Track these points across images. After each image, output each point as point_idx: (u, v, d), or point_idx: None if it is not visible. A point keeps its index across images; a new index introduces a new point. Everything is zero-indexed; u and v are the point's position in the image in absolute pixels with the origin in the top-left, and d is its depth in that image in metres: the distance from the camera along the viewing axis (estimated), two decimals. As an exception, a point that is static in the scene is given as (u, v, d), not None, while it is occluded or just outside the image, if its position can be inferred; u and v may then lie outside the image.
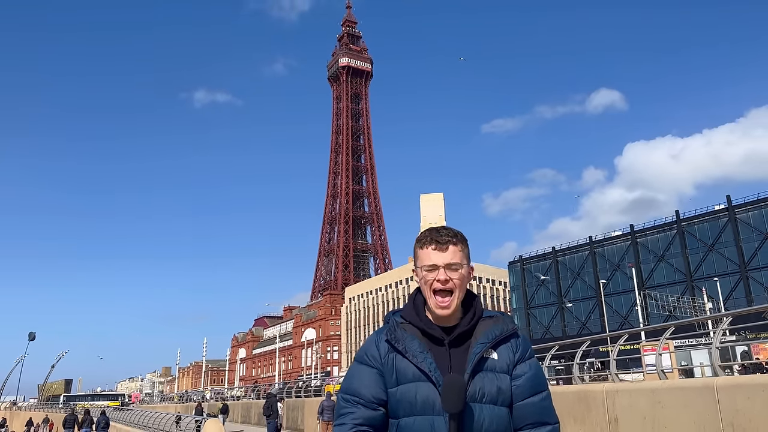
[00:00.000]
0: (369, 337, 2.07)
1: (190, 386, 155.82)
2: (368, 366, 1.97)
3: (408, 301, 2.09)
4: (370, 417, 1.91)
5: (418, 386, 1.89)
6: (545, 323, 74.75)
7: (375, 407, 1.92)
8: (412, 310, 2.04)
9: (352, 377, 1.99)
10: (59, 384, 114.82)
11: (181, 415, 26.25)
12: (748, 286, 57.15)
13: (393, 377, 1.93)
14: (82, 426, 31.23)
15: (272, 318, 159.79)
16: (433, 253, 1.98)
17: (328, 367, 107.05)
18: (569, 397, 10.90)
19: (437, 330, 1.98)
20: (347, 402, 1.94)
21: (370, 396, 1.92)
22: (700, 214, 63.45)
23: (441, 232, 2.01)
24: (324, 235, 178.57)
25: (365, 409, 1.91)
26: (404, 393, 1.90)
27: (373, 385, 1.94)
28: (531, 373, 1.99)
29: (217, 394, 57.52)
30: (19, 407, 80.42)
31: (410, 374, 1.91)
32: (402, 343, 1.95)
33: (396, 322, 2.02)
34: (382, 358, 1.96)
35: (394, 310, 2.11)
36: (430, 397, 1.87)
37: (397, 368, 1.93)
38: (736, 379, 8.74)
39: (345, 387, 1.99)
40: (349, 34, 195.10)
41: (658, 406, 8.84)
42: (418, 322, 1.99)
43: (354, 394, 1.94)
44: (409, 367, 1.91)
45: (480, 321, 2.01)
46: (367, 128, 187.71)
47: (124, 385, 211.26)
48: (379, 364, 1.96)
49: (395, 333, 1.98)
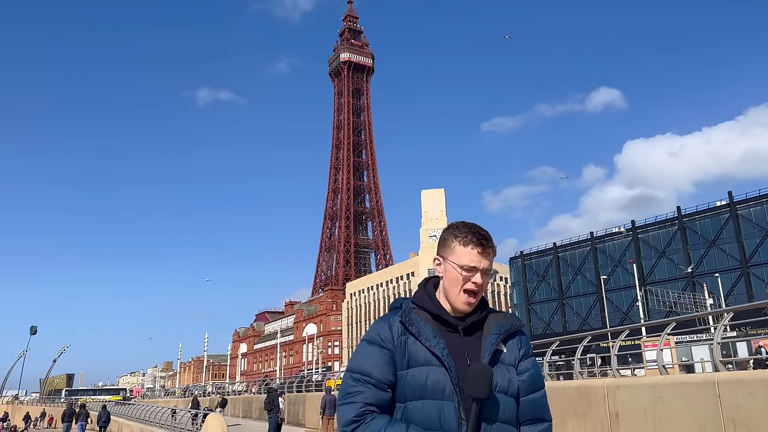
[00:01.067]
0: (379, 319, 2.04)
1: (191, 381, 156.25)
2: (380, 347, 1.95)
3: (419, 288, 2.11)
4: (379, 398, 1.89)
5: (430, 370, 1.89)
6: (546, 319, 74.82)
7: (385, 388, 1.90)
8: (426, 296, 2.05)
9: (361, 357, 1.95)
10: (61, 378, 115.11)
11: (176, 409, 26.46)
12: (749, 282, 57.15)
13: (404, 360, 1.92)
14: (78, 420, 31.45)
15: (273, 313, 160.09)
16: (477, 255, 1.99)
17: (329, 363, 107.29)
18: (570, 393, 10.90)
19: (451, 316, 1.99)
20: (357, 381, 1.90)
21: (380, 377, 1.90)
22: (701, 210, 63.40)
23: (485, 236, 2.03)
24: (325, 231, 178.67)
25: (375, 389, 1.89)
26: (414, 376, 1.89)
27: (383, 366, 1.92)
28: (533, 370, 2.04)
29: (219, 389, 57.75)
30: (21, 401, 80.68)
31: (422, 358, 1.90)
32: (416, 326, 1.94)
33: (409, 306, 2.03)
34: (395, 340, 1.95)
35: (403, 297, 2.10)
36: (441, 381, 1.87)
37: (408, 351, 1.92)
38: (737, 375, 8.74)
39: (354, 366, 1.95)
40: (350, 29, 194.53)
41: (659, 402, 8.85)
42: (432, 308, 2.00)
43: (364, 373, 1.91)
44: (421, 350, 1.91)
45: (490, 314, 2.05)
46: (368, 124, 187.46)
47: (126, 380, 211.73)
48: (392, 346, 1.94)
49: (409, 316, 1.98)
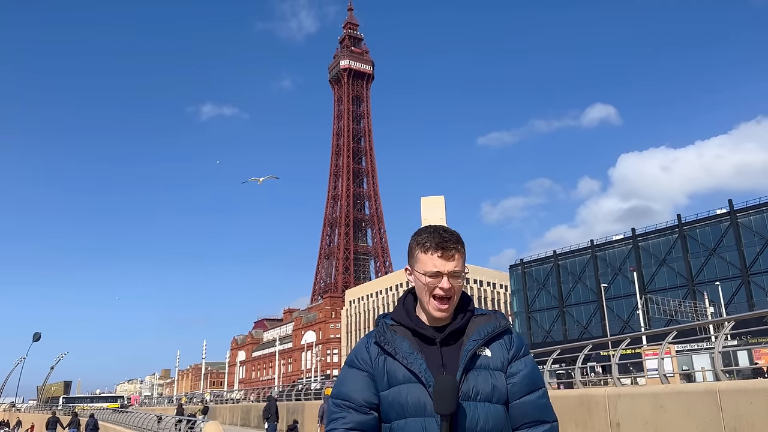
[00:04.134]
0: (359, 340, 2.03)
1: (189, 389, 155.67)
2: (359, 369, 1.94)
3: (398, 303, 2.05)
4: (361, 421, 1.87)
5: (409, 388, 1.85)
6: (546, 327, 74.62)
7: (366, 411, 1.88)
8: (403, 311, 2.00)
9: (342, 381, 1.95)
10: (58, 386, 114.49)
11: (162, 416, 26.91)
12: (750, 290, 57.06)
13: (384, 380, 1.89)
14: (70, 426, 31.86)
15: (272, 320, 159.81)
16: (438, 260, 1.91)
17: (328, 370, 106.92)
18: (571, 402, 10.83)
19: (429, 329, 1.94)
20: (338, 407, 1.90)
21: (361, 400, 1.88)
22: (701, 218, 63.40)
23: (446, 238, 1.93)
24: (324, 238, 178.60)
25: (356, 413, 1.87)
26: (395, 395, 1.86)
27: (364, 388, 1.90)
28: (526, 370, 1.94)
29: (216, 397, 57.81)
30: (18, 408, 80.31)
31: (401, 376, 1.87)
32: (391, 345, 1.91)
33: (386, 324, 1.99)
34: (372, 361, 1.93)
35: (384, 314, 2.07)
36: (421, 399, 1.83)
37: (387, 371, 1.89)
38: (738, 384, 8.67)
39: (336, 392, 1.95)
40: (350, 37, 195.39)
41: (661, 411, 8.78)
42: (409, 323, 1.95)
43: (345, 398, 1.90)
44: (399, 369, 1.88)
45: (472, 319, 1.97)
46: (368, 131, 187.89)
47: (123, 387, 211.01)
48: (370, 367, 1.92)
49: (385, 335, 1.94)
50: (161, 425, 24.48)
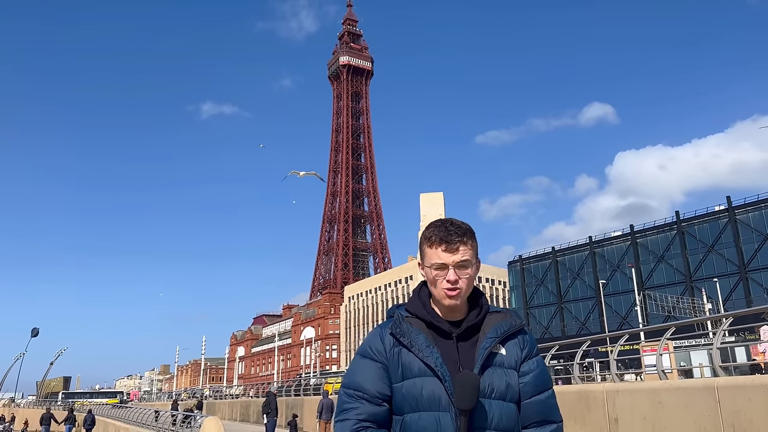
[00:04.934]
0: (372, 330, 2.00)
1: (189, 384, 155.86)
2: (372, 360, 1.91)
3: (413, 294, 2.02)
4: (373, 413, 1.85)
5: (424, 381, 1.83)
6: (544, 323, 74.74)
7: (379, 402, 1.86)
8: (419, 302, 1.97)
9: (355, 371, 1.92)
10: (58, 381, 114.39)
11: (160, 411, 27.02)
12: (748, 286, 57.17)
13: (398, 372, 1.87)
14: (66, 422, 32.23)
15: (271, 316, 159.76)
16: (443, 253, 1.90)
17: (327, 366, 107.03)
18: (569, 397, 10.87)
19: (445, 323, 1.91)
20: (350, 397, 1.87)
21: (374, 391, 1.86)
22: (700, 215, 63.45)
23: (450, 231, 1.91)
24: (323, 234, 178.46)
25: (369, 404, 1.85)
26: (409, 388, 1.84)
27: (377, 379, 1.87)
28: (538, 371, 1.94)
29: (216, 392, 57.90)
30: (17, 404, 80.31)
31: (416, 369, 1.85)
32: (407, 337, 1.88)
33: (401, 315, 1.96)
34: (387, 353, 1.90)
35: (398, 304, 2.04)
36: (436, 393, 1.81)
37: (402, 363, 1.87)
38: (736, 380, 8.71)
39: (348, 381, 1.92)
40: (349, 33, 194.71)
41: (659, 407, 8.82)
42: (425, 315, 1.93)
43: (357, 388, 1.87)
44: (414, 362, 1.86)
45: (487, 315, 1.96)
46: (367, 127, 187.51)
47: (123, 383, 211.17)
48: (384, 359, 1.89)
49: (401, 326, 1.91)
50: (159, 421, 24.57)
